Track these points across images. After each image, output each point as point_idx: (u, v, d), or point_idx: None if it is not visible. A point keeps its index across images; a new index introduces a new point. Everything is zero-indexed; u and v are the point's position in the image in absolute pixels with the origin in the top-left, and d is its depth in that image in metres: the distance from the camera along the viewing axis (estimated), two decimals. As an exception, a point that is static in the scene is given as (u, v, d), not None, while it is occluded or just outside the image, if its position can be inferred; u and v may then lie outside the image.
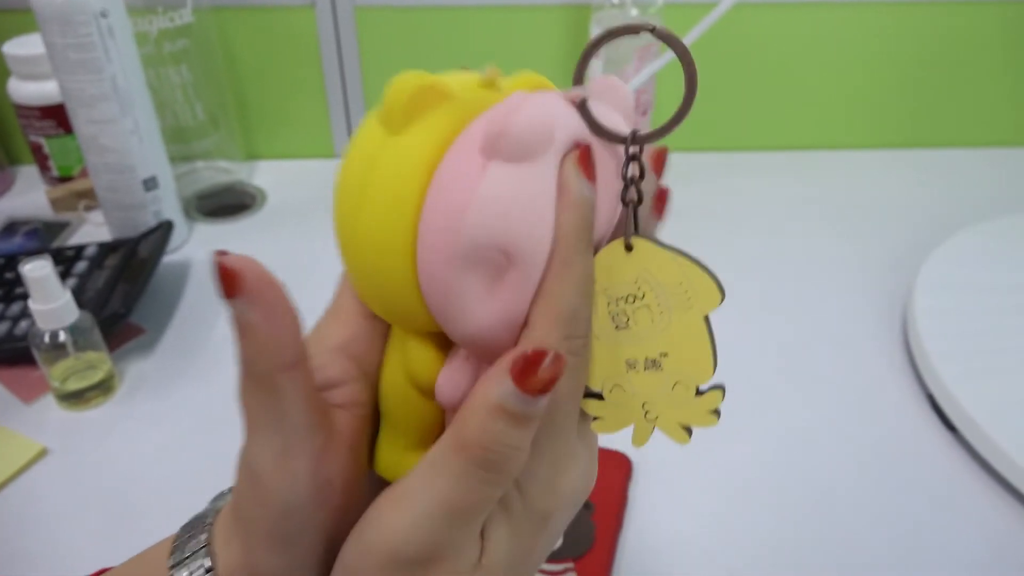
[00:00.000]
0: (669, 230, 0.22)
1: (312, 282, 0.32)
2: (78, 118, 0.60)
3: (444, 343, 0.23)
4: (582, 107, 0.21)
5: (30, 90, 0.69)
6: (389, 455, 0.24)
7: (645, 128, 0.73)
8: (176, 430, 0.51)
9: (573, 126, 0.20)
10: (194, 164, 0.75)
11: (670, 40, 0.21)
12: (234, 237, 0.70)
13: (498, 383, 0.19)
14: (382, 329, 0.24)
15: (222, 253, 0.19)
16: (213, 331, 0.58)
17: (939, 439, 0.50)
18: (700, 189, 0.76)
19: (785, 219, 0.72)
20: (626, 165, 0.21)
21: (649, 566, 0.43)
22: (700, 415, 0.22)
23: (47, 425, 0.51)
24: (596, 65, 0.69)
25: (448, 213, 0.19)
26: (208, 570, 0.23)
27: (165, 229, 0.63)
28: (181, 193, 0.70)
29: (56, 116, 0.70)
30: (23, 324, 0.55)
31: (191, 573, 0.23)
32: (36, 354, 0.50)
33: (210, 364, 0.56)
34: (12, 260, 0.62)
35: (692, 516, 0.45)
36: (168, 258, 0.66)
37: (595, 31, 0.68)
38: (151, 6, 0.66)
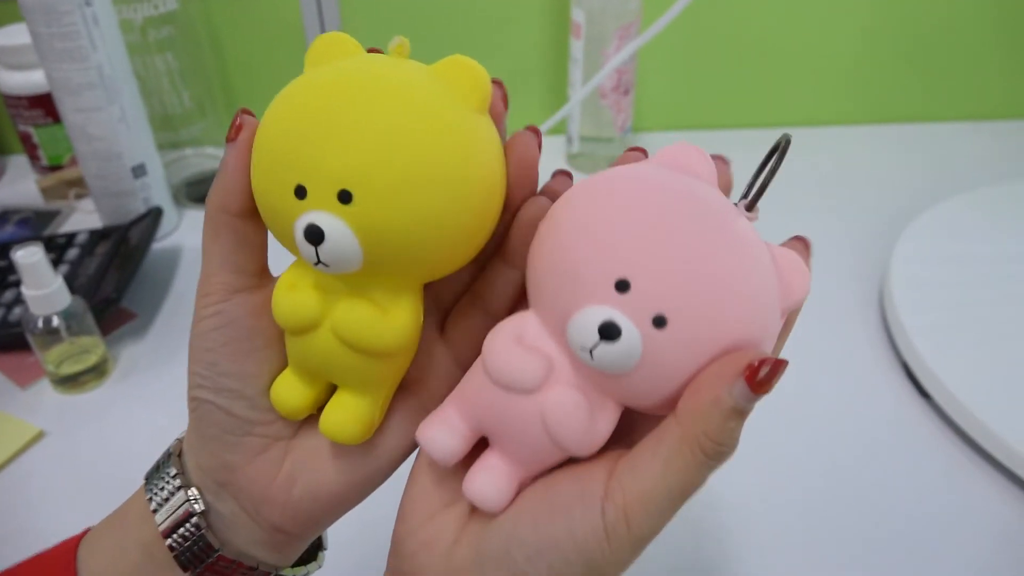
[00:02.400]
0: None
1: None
2: (65, 107, 0.61)
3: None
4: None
5: (17, 80, 0.70)
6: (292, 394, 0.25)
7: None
8: (169, 410, 0.52)
9: None
10: (182, 151, 0.76)
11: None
12: (223, 222, 0.70)
13: (731, 386, 0.20)
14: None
15: (247, 112, 0.24)
16: (204, 315, 0.59)
17: (913, 405, 0.51)
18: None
19: (766, 195, 0.73)
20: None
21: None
22: None
23: (43, 408, 0.52)
24: (577, 45, 0.70)
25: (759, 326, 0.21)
26: (175, 475, 0.26)
27: (155, 216, 0.64)
28: (170, 180, 0.71)
29: (44, 105, 0.70)
30: (17, 311, 0.56)
31: (163, 482, 0.27)
32: (30, 339, 0.51)
33: (202, 347, 0.57)
34: (4, 248, 0.63)
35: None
36: (158, 244, 0.67)
37: (576, 13, 0.69)
38: (135, -6, 0.66)
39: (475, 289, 0.27)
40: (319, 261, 0.21)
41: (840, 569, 0.42)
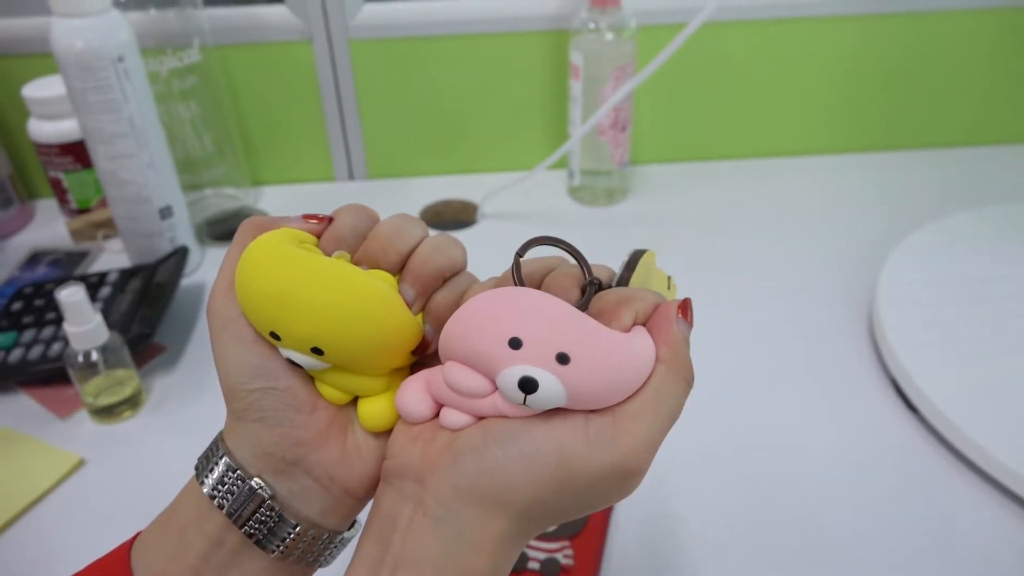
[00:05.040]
0: (660, 236, 0.29)
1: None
2: (98, 154, 0.65)
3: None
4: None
5: (49, 129, 0.74)
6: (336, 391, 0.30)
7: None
8: (200, 437, 0.54)
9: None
10: (203, 192, 0.80)
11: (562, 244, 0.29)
12: (244, 259, 0.74)
13: (678, 324, 0.26)
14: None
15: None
16: (230, 347, 0.63)
17: (902, 419, 0.54)
18: (682, 197, 0.81)
19: (759, 221, 0.77)
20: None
21: (637, 540, 0.47)
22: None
23: (82, 438, 0.55)
24: (576, 86, 0.74)
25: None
26: (234, 469, 0.29)
27: (181, 254, 0.68)
28: (192, 220, 0.75)
29: (74, 152, 0.74)
30: (55, 346, 0.60)
31: (214, 473, 0.29)
32: (71, 373, 0.54)
33: (229, 377, 0.60)
34: (40, 288, 0.66)
35: (673, 495, 0.49)
36: (184, 280, 0.70)
37: (575, 56, 0.73)
38: (161, 47, 0.70)
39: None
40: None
41: None
